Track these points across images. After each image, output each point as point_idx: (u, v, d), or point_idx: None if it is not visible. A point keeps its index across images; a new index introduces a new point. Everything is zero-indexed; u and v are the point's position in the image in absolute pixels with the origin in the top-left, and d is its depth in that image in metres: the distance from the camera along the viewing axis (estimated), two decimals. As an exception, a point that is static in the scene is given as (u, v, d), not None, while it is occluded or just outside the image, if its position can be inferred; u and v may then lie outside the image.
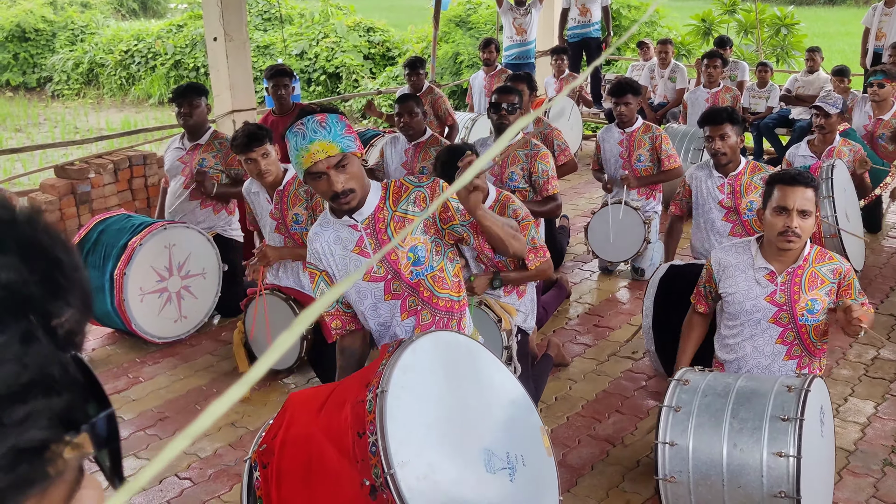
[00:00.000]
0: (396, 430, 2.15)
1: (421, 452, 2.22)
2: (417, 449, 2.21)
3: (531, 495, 2.47)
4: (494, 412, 2.52)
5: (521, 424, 2.58)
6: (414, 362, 2.33)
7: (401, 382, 2.25)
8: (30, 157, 11.16)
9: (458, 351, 2.53)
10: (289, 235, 4.19)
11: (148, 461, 3.73)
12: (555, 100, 4.07)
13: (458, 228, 2.67)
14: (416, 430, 2.25)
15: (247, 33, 6.98)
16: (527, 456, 2.49)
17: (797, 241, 3.10)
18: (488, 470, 2.34)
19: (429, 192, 2.66)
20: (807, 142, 5.71)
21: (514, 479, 2.39)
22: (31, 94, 18.71)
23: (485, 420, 2.46)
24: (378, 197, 2.67)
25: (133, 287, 4.61)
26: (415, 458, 2.18)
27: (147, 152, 6.84)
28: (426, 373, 2.39)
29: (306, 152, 2.45)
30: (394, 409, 2.17)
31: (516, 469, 2.42)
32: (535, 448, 2.56)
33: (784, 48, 13.03)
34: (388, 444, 2.12)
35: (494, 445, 2.39)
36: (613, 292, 5.64)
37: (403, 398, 2.23)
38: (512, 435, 2.49)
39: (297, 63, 16.08)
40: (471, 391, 2.48)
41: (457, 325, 2.79)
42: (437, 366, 2.44)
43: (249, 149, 4.03)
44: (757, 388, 2.86)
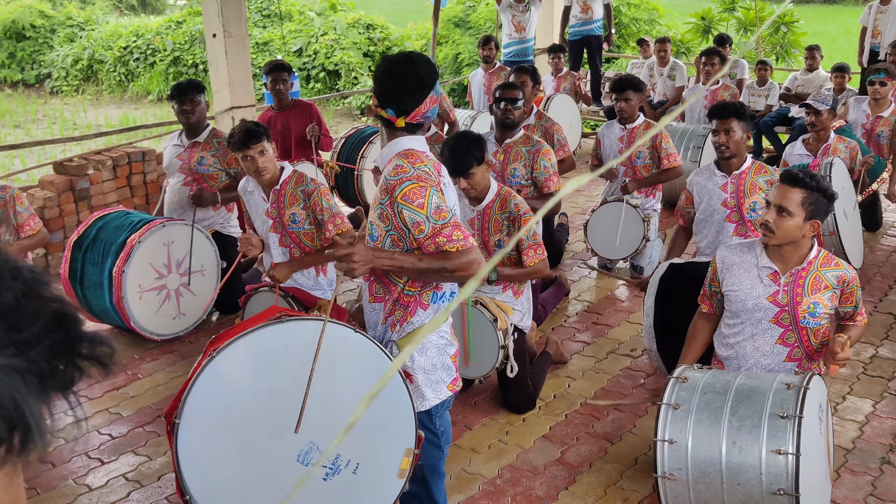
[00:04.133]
0: (204, 392, 2.46)
1: (226, 419, 2.50)
2: (223, 413, 2.50)
3: (340, 501, 2.53)
4: (348, 413, 2.50)
5: (382, 437, 2.58)
6: (266, 341, 2.56)
7: (237, 350, 2.52)
8: (28, 154, 11.15)
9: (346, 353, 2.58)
10: (286, 234, 4.18)
11: (147, 458, 3.73)
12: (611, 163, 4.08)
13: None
14: (232, 398, 2.51)
15: (246, 30, 6.96)
16: (365, 466, 2.55)
17: (770, 236, 3.13)
18: (300, 460, 2.47)
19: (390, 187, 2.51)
20: (802, 140, 5.71)
21: (328, 479, 2.49)
22: (29, 90, 18.67)
23: (332, 419, 2.51)
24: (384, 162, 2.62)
25: (132, 284, 4.60)
26: (210, 419, 2.47)
27: (146, 149, 6.82)
28: (272, 356, 2.59)
29: None
30: (212, 374, 2.47)
31: (339, 472, 2.51)
32: (383, 463, 2.58)
33: (783, 46, 13.02)
34: (188, 398, 2.43)
35: (325, 443, 2.48)
36: (612, 290, 5.64)
37: (229, 370, 2.53)
38: (360, 444, 2.54)
39: (297, 60, 16.06)
40: (335, 392, 2.51)
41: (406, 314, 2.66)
42: (297, 357, 2.52)
43: (247, 146, 4.02)
44: (756, 385, 2.86)
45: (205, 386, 2.44)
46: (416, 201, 2.45)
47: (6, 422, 0.45)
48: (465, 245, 2.48)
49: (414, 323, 2.66)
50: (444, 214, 2.49)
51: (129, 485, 3.55)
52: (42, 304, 0.48)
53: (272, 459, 2.48)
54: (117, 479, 3.59)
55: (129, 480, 3.58)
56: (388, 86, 2.52)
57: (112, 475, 3.63)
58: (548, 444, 3.76)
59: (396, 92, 2.52)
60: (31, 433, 0.46)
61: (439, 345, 2.71)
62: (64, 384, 0.49)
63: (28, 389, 0.46)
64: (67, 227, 6.04)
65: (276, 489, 2.49)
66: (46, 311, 0.48)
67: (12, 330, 0.46)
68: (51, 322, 0.48)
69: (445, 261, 2.47)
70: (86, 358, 0.51)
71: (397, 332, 2.66)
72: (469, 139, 3.81)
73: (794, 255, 3.18)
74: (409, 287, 2.63)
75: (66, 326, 0.49)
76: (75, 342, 0.50)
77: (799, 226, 3.09)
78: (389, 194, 2.50)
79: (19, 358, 0.45)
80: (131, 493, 3.50)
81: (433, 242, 2.47)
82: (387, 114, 2.54)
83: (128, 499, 3.46)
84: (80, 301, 4.82)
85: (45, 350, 0.47)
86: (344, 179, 6.87)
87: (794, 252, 3.17)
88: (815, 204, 3.08)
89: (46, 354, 0.47)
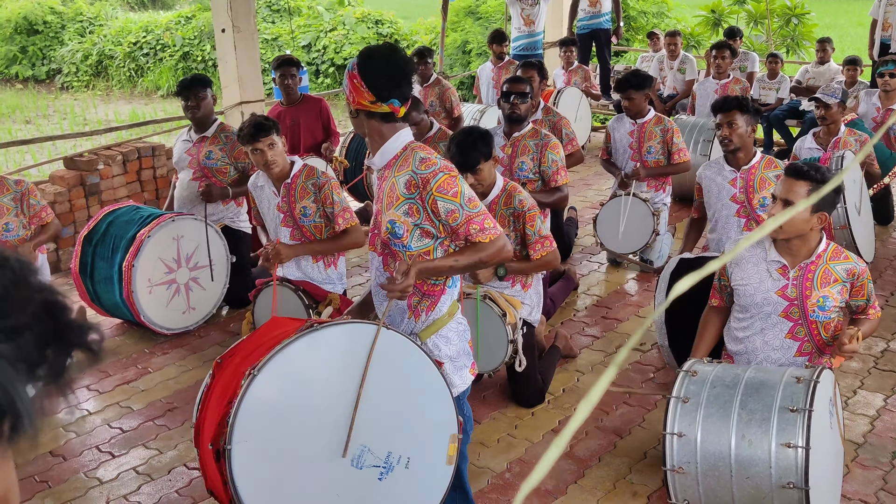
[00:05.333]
0: (250, 415, 2.40)
1: (273, 434, 2.46)
2: (270, 430, 2.45)
3: (398, 497, 2.54)
4: (395, 412, 2.55)
5: (427, 428, 2.61)
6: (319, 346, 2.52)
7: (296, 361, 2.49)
8: (39, 149, 11.19)
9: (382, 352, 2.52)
10: (297, 228, 4.19)
11: (157, 452, 3.75)
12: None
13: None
14: (276, 415, 2.48)
15: (255, 25, 6.97)
16: (416, 459, 2.55)
17: (777, 230, 3.12)
18: (354, 464, 2.47)
19: (421, 181, 2.52)
20: (812, 134, 5.68)
21: (383, 479, 2.50)
22: (40, 86, 18.75)
23: (377, 419, 2.51)
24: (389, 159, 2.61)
25: (141, 279, 4.62)
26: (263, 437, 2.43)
27: (155, 144, 6.85)
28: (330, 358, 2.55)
29: None
30: (255, 397, 2.41)
31: (392, 469, 2.51)
32: (432, 453, 2.59)
33: (794, 39, 12.93)
34: (236, 420, 2.38)
35: (375, 444, 2.49)
36: (622, 284, 5.62)
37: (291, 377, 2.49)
38: (406, 436, 2.55)
39: (306, 55, 16.06)
40: (376, 391, 2.50)
41: (426, 308, 2.70)
42: (334, 363, 2.54)
43: (256, 139, 4.03)
44: (766, 379, 2.85)
45: (250, 408, 2.40)
46: (450, 191, 2.52)
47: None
48: (495, 233, 2.60)
49: (437, 311, 2.73)
50: (476, 203, 2.59)
51: (139, 478, 3.57)
52: (30, 292, 0.49)
53: (327, 467, 2.47)
54: (128, 473, 3.61)
55: (140, 474, 3.60)
56: (387, 76, 2.51)
57: (123, 469, 3.65)
58: (557, 438, 3.75)
59: (397, 79, 2.52)
60: (21, 420, 0.47)
61: (459, 331, 2.80)
62: (54, 372, 0.49)
63: (18, 376, 0.46)
64: (78, 222, 6.07)
65: (335, 496, 2.50)
66: (35, 299, 0.49)
67: (3, 317, 0.46)
68: (39, 310, 0.49)
69: (480, 253, 2.59)
70: (75, 346, 0.51)
71: (422, 322, 2.71)
72: (476, 135, 3.81)
73: (803, 249, 3.16)
74: (435, 279, 2.70)
75: (54, 315, 0.50)
76: (64, 330, 0.50)
77: (806, 219, 3.08)
78: (421, 188, 2.52)
79: (7, 345, 0.46)
80: (142, 486, 3.52)
81: (466, 231, 2.56)
82: (391, 106, 2.53)
83: (138, 492, 3.48)
84: (91, 295, 4.84)
85: (34, 337, 0.48)
86: (353, 175, 6.89)
87: (803, 246, 3.16)
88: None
89: (35, 342, 0.48)
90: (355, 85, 2.53)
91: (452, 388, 2.70)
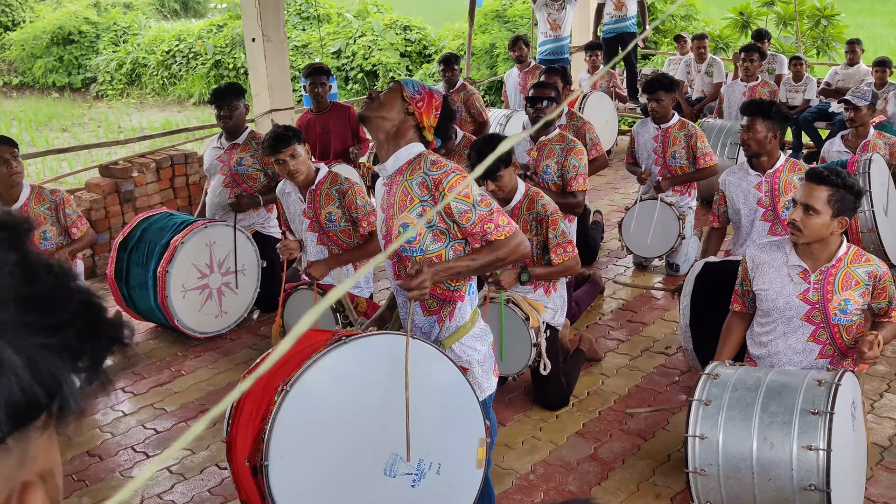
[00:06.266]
0: (284, 431, 2.42)
1: (308, 449, 2.47)
2: (305, 445, 2.47)
3: (430, 503, 2.56)
4: (423, 420, 2.55)
5: (455, 433, 2.64)
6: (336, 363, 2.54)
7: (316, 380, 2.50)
8: (75, 157, 11.44)
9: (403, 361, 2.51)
10: (323, 233, 4.28)
11: (190, 452, 3.85)
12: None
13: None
14: (310, 431, 2.49)
15: (284, 34, 7.09)
16: (447, 465, 2.58)
17: (798, 234, 3.14)
18: (387, 473, 2.49)
19: (433, 182, 2.56)
20: (841, 136, 5.64)
21: (415, 486, 2.51)
22: (75, 94, 19.14)
23: (403, 426, 2.49)
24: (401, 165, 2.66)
25: (175, 284, 4.74)
26: (298, 453, 2.45)
27: (188, 151, 6.99)
28: (349, 371, 2.57)
29: None
30: (295, 405, 2.44)
31: (424, 476, 2.53)
32: (461, 458, 2.62)
33: (824, 40, 12.82)
34: (271, 437, 2.40)
35: (405, 451, 2.49)
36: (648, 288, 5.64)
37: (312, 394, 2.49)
38: (436, 442, 2.58)
39: (335, 61, 16.23)
40: (402, 400, 2.48)
41: (449, 315, 2.74)
42: (361, 376, 2.59)
43: (277, 150, 4.13)
44: (787, 382, 2.87)
45: (284, 424, 2.43)
46: (462, 191, 2.54)
47: (47, 390, 0.53)
48: (510, 230, 2.61)
49: (460, 317, 2.75)
50: (489, 202, 2.60)
51: (172, 477, 3.67)
52: (71, 293, 0.57)
53: (361, 478, 2.51)
54: (162, 472, 3.71)
55: (173, 473, 3.70)
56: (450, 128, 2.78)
57: (157, 468, 3.74)
58: (581, 440, 3.80)
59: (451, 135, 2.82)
60: (68, 401, 0.55)
61: (482, 336, 2.83)
62: (94, 363, 0.58)
63: (63, 365, 0.54)
64: (113, 229, 6.22)
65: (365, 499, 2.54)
66: (75, 299, 0.57)
67: (47, 315, 0.54)
68: (79, 309, 0.57)
69: (497, 251, 2.60)
70: (110, 339, 0.59)
71: (445, 329, 2.74)
72: (496, 142, 3.87)
73: (824, 253, 3.18)
74: (454, 283, 2.71)
75: (92, 313, 0.58)
76: (101, 326, 0.59)
77: (826, 223, 3.09)
78: (432, 190, 2.56)
79: (53, 339, 0.54)
80: (175, 485, 3.61)
81: (481, 230, 2.57)
82: (434, 141, 2.71)
83: (171, 491, 3.57)
84: (126, 300, 4.97)
85: (75, 333, 0.56)
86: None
87: (824, 249, 3.17)
88: (841, 201, 3.08)
89: (76, 337, 0.56)
90: (432, 105, 2.65)
91: (481, 391, 2.75)
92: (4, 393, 0.51)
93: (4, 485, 0.54)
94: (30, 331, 0.53)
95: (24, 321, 0.53)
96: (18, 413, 0.52)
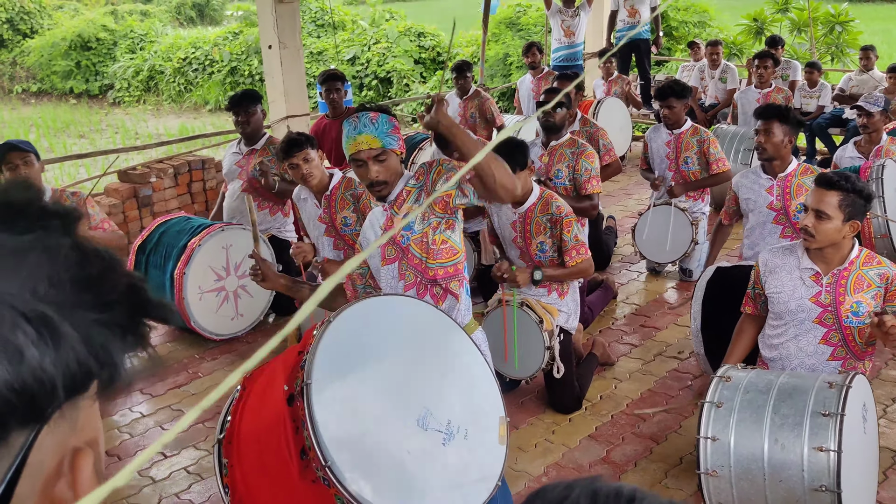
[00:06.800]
0: (326, 357, 2.36)
1: (347, 382, 2.40)
2: (344, 377, 2.40)
3: (459, 466, 2.54)
4: (449, 384, 2.61)
5: (479, 407, 2.66)
6: (378, 307, 2.57)
7: (357, 318, 2.49)
8: (93, 163, 11.57)
9: (431, 324, 2.66)
10: (339, 237, 4.33)
11: (207, 453, 3.90)
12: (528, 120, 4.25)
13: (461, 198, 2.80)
14: (349, 363, 2.45)
15: (300, 41, 7.17)
16: (472, 432, 2.58)
17: (811, 240, 3.17)
18: (420, 425, 2.46)
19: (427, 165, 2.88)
20: (853, 143, 5.66)
21: (446, 445, 2.50)
22: (93, 101, 19.34)
23: (435, 386, 2.56)
24: (404, 183, 2.92)
25: (192, 286, 4.80)
26: (339, 382, 2.36)
27: (205, 157, 7.08)
28: (389, 321, 2.59)
29: (353, 141, 2.83)
30: (337, 337, 2.39)
31: (453, 437, 2.52)
32: (485, 431, 2.64)
33: (839, 46, 12.80)
34: (314, 359, 2.31)
35: (437, 409, 2.50)
36: (661, 293, 5.66)
37: (355, 333, 2.47)
38: (463, 410, 2.59)
39: (350, 68, 16.34)
40: (431, 359, 2.60)
41: (451, 306, 2.91)
42: (394, 325, 2.60)
43: (290, 154, 4.20)
44: (799, 384, 2.89)
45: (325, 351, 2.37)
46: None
47: (100, 362, 0.58)
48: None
49: (463, 315, 2.94)
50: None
51: (190, 477, 3.72)
52: (119, 275, 0.63)
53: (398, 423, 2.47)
54: (179, 472, 3.77)
55: (191, 473, 3.75)
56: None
57: (174, 468, 3.80)
58: (593, 443, 3.83)
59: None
60: (118, 370, 0.60)
61: (481, 344, 2.96)
62: (139, 337, 0.63)
63: (114, 339, 0.59)
64: (131, 233, 6.30)
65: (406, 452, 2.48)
66: (123, 281, 0.62)
67: (99, 294, 0.60)
68: (126, 290, 0.62)
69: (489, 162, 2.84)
70: (154, 317, 0.65)
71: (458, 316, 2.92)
72: (512, 145, 3.91)
73: (836, 256, 3.20)
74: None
75: (137, 293, 0.63)
76: (146, 304, 0.64)
77: (838, 228, 3.12)
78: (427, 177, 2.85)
79: (104, 315, 0.59)
80: (192, 485, 3.67)
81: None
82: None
83: (189, 490, 3.63)
84: (144, 303, 5.04)
85: (125, 310, 0.61)
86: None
87: (836, 253, 3.20)
88: (852, 205, 3.11)
89: (126, 313, 0.61)
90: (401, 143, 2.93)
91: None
92: (63, 364, 0.55)
93: (58, 450, 0.59)
94: (84, 308, 0.58)
95: (80, 300, 0.58)
96: (74, 383, 0.57)
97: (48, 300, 0.56)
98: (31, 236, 0.59)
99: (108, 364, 0.59)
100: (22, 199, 0.61)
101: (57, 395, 0.55)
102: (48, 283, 0.57)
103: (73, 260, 0.59)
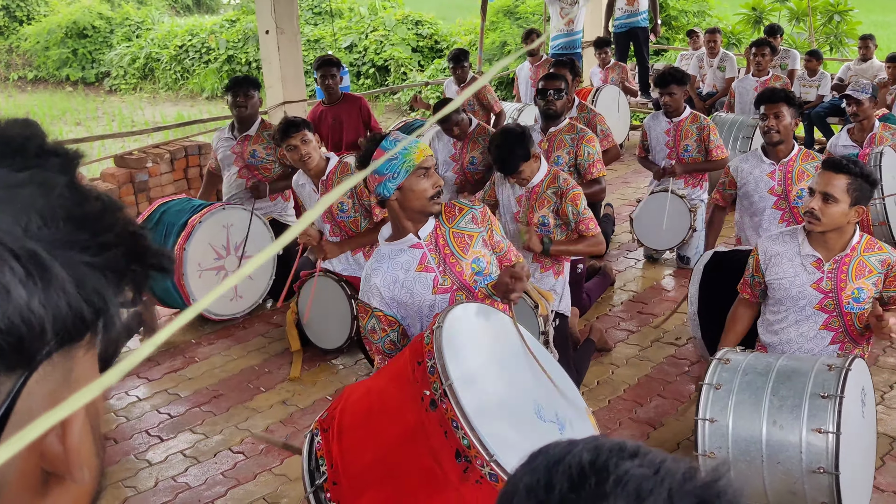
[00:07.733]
0: (453, 355, 2.31)
1: (475, 378, 2.38)
2: (471, 374, 2.38)
3: None
4: (542, 380, 2.61)
5: (568, 400, 2.67)
6: (464, 315, 2.54)
7: (454, 325, 2.44)
8: (89, 149, 11.52)
9: (507, 326, 2.67)
10: (335, 224, 4.33)
11: (203, 436, 3.90)
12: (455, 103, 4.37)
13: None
14: (470, 361, 2.43)
15: (297, 27, 7.12)
16: (575, 423, 2.58)
17: (816, 223, 3.15)
18: (538, 416, 2.45)
19: (480, 214, 2.95)
20: (847, 130, 5.66)
21: (563, 433, 2.47)
22: (89, 88, 19.24)
23: (533, 382, 2.57)
24: (433, 220, 2.92)
25: (192, 263, 4.78)
26: (468, 379, 2.33)
27: (202, 142, 7.05)
28: (475, 326, 2.58)
29: (419, 148, 2.81)
30: (449, 340, 2.35)
31: (565, 428, 2.51)
32: (581, 422, 2.65)
33: (837, 36, 12.77)
34: (445, 361, 2.26)
35: (544, 402, 2.50)
36: (658, 280, 5.65)
37: (457, 337, 2.41)
38: (561, 403, 2.59)
39: (347, 56, 16.27)
40: (520, 357, 2.60)
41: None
42: (485, 327, 2.62)
43: (288, 135, 4.20)
44: (798, 367, 2.89)
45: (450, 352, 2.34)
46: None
47: (93, 308, 0.55)
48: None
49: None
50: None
51: (186, 461, 3.71)
52: (117, 220, 0.60)
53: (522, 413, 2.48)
54: (175, 456, 3.76)
55: (187, 457, 3.75)
56: None
57: (171, 451, 3.79)
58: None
59: None
60: (113, 319, 0.57)
61: None
62: (137, 286, 0.60)
63: (108, 284, 0.57)
64: (128, 218, 6.27)
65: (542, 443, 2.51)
66: (121, 224, 0.60)
67: (94, 235, 0.57)
68: (125, 233, 0.59)
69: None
70: (151, 264, 0.62)
71: None
72: (513, 138, 3.92)
73: (838, 242, 3.19)
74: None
75: (136, 239, 0.60)
76: (145, 251, 0.61)
77: (845, 212, 3.11)
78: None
79: (98, 258, 0.56)
80: (189, 468, 3.66)
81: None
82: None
83: (185, 474, 3.62)
84: (143, 283, 5.03)
85: (120, 254, 0.58)
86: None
87: (838, 239, 3.19)
88: (859, 189, 3.09)
89: (122, 258, 0.58)
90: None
91: None
92: (52, 308, 0.52)
93: (50, 401, 0.55)
94: (77, 249, 0.55)
95: (73, 239, 0.55)
96: (65, 329, 0.53)
97: (40, 238, 0.53)
98: (28, 173, 0.56)
99: (103, 311, 0.56)
100: (21, 135, 0.58)
101: (46, 339, 0.52)
102: (41, 220, 0.53)
103: (68, 198, 0.56)
